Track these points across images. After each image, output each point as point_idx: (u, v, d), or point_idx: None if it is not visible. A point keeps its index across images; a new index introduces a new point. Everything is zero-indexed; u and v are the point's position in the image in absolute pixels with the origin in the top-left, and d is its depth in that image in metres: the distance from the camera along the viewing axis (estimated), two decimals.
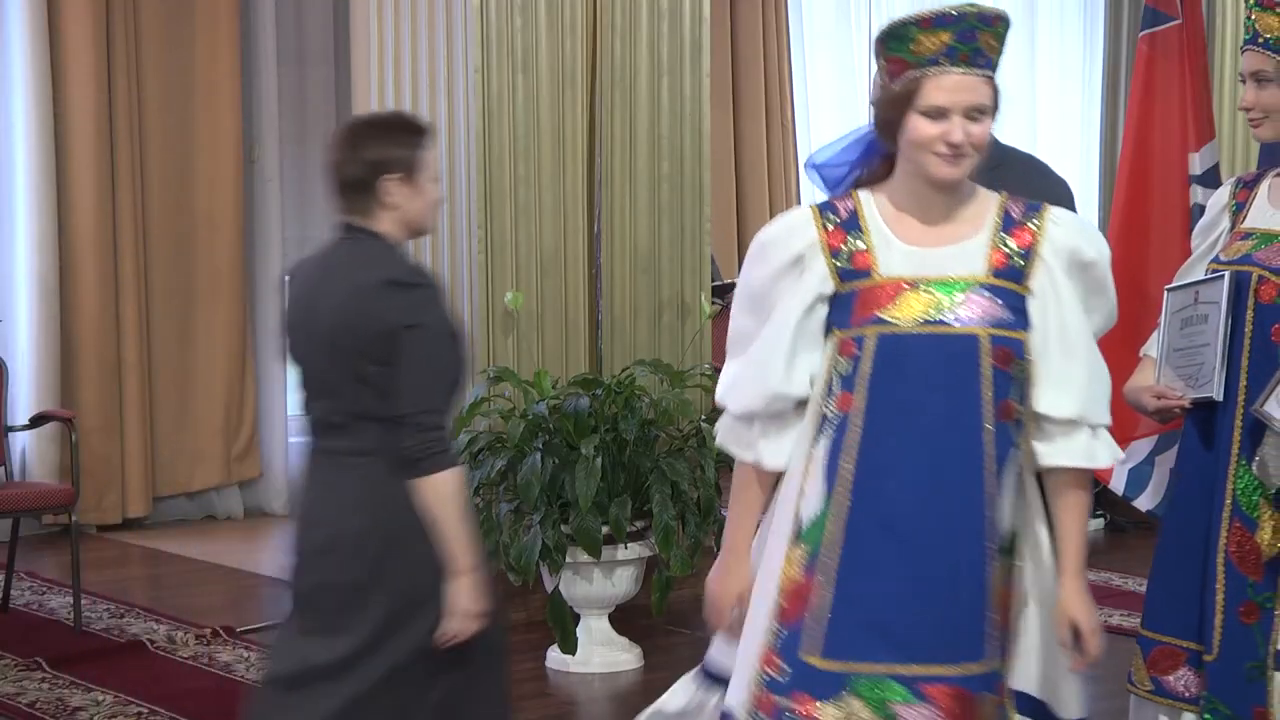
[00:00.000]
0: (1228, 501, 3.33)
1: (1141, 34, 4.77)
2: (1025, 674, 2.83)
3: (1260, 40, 3.34)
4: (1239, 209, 3.49)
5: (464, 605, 3.16)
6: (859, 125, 2.99)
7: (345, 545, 3.18)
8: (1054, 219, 2.82)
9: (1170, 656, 3.42)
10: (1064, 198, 3.54)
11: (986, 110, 2.75)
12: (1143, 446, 4.52)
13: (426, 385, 3.14)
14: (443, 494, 3.14)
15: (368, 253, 3.22)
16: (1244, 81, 3.39)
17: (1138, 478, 4.49)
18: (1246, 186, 3.52)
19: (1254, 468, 3.29)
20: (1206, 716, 3.31)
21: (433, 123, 5.99)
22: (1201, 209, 4.79)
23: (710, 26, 6.42)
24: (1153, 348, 3.55)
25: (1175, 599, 3.42)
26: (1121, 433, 3.99)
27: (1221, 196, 3.57)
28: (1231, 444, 3.33)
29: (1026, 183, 3.51)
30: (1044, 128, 9.43)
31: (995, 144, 3.59)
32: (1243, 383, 3.32)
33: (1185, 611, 3.40)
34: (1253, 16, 3.35)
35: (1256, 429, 3.30)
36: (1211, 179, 4.64)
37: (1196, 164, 4.67)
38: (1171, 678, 3.41)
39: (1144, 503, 4.55)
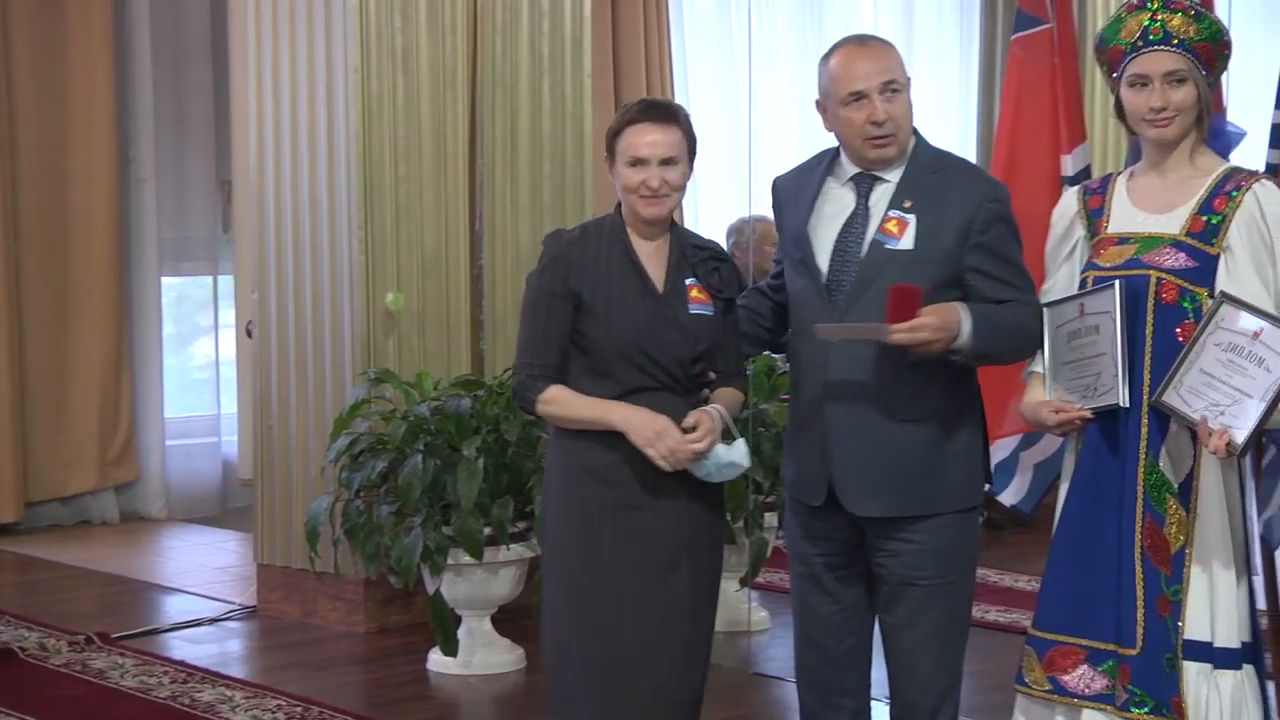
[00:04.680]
0: (1139, 500, 3.39)
1: (1013, 37, 4.82)
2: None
3: (1175, 41, 3.39)
4: (1097, 214, 3.54)
5: (640, 438, 3.42)
6: (737, 124, 3.03)
7: None
8: None
9: (1068, 655, 3.46)
10: (1005, 198, 3.60)
11: None
12: (1007, 443, 4.59)
13: (520, 336, 3.58)
14: (546, 416, 3.56)
15: None
16: (1143, 85, 3.42)
17: (1002, 473, 4.56)
18: (1096, 193, 3.58)
19: (1160, 463, 3.38)
20: (1134, 710, 3.35)
21: (314, 122, 5.98)
22: None
23: (591, 26, 6.43)
24: (1037, 364, 3.58)
25: (1075, 599, 3.46)
26: (989, 431, 4.04)
27: (1069, 205, 3.63)
28: (1139, 444, 3.39)
29: (969, 185, 3.56)
30: (921, 130, 9.53)
31: (933, 149, 3.64)
32: (1146, 384, 3.38)
33: (1087, 610, 3.44)
34: (1159, 18, 3.40)
35: (1161, 426, 3.38)
36: (1084, 180, 4.71)
37: (1069, 166, 4.72)
38: (1070, 676, 3.45)
39: (1008, 497, 4.62)
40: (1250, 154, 4.12)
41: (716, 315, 3.55)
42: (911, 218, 3.52)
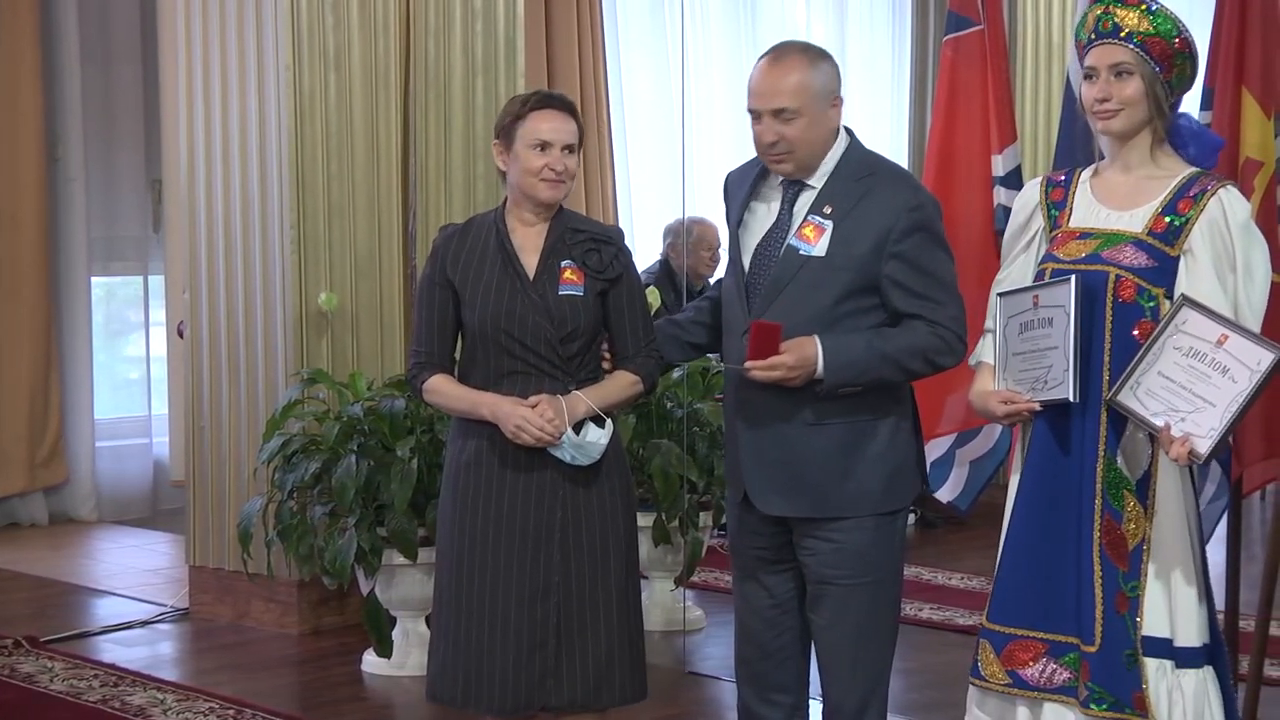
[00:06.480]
0: (1098, 496, 3.39)
1: (945, 39, 4.86)
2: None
3: (1123, 34, 3.41)
4: (1058, 207, 3.54)
5: (506, 430, 3.52)
6: (671, 126, 3.03)
7: None
8: None
9: (1028, 649, 3.46)
10: (928, 206, 3.59)
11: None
12: (944, 442, 4.63)
13: (413, 327, 3.75)
14: (431, 404, 3.77)
15: None
16: (1087, 78, 3.44)
17: (939, 471, 4.60)
18: (1059, 186, 3.57)
19: (1118, 459, 3.39)
20: (1094, 707, 3.36)
21: (245, 121, 5.94)
22: (1005, 210, 4.88)
23: (524, 27, 6.42)
24: (986, 354, 3.59)
25: (1034, 592, 3.46)
26: (925, 430, 4.08)
27: (1031, 196, 3.61)
28: (1098, 441, 3.39)
29: (892, 193, 3.55)
30: (855, 132, 9.57)
31: (864, 154, 3.63)
32: (1105, 380, 3.38)
33: (1046, 604, 3.44)
34: (1111, 11, 3.43)
35: (1118, 423, 3.39)
36: (1014, 180, 4.73)
37: (1000, 166, 4.76)
38: (1030, 670, 3.45)
39: (944, 494, 4.66)
40: None
41: (588, 295, 3.61)
42: (829, 224, 3.54)
